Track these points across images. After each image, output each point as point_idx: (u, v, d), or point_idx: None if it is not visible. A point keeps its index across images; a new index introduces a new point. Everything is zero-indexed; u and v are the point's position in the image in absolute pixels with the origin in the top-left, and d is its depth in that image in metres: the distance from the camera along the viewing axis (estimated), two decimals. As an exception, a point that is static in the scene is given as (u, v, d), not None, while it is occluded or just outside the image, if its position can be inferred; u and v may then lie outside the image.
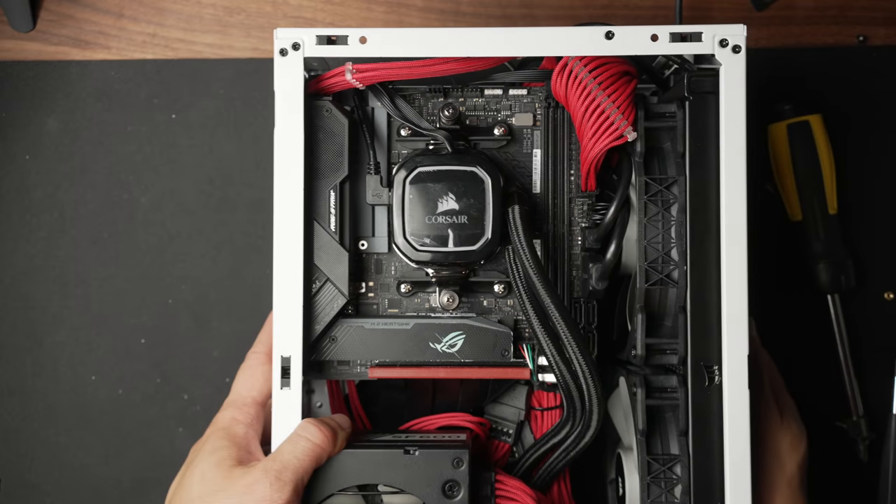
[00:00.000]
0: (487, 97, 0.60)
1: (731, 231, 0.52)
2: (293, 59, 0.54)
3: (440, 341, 0.57)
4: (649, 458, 0.54)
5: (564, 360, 0.54)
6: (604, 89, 0.53)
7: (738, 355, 0.51)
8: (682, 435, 0.53)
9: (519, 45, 0.53)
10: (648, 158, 0.55)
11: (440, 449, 0.53)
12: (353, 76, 0.55)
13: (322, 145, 0.56)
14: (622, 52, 0.53)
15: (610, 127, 0.53)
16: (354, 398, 0.62)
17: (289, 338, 0.53)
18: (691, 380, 0.52)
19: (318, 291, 0.56)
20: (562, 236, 0.59)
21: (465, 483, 0.52)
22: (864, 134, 0.73)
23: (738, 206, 0.52)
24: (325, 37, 0.54)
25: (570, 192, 0.59)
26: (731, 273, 0.52)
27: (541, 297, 0.54)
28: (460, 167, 0.56)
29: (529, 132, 0.60)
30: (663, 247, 0.54)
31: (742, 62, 0.52)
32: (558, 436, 0.57)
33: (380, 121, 0.60)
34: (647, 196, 0.54)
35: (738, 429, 0.51)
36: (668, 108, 0.55)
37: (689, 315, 0.53)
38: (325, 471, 0.53)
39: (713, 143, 0.53)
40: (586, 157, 0.55)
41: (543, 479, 0.57)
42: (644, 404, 0.54)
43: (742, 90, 0.52)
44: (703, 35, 0.53)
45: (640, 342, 0.54)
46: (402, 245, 0.56)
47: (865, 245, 0.73)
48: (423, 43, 0.53)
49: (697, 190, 0.53)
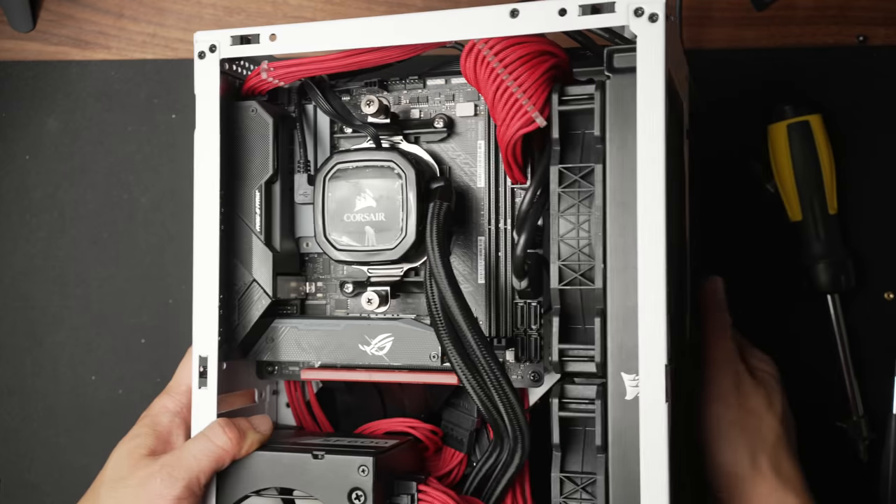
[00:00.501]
0: (430, 87, 0.57)
1: (647, 226, 0.45)
2: (210, 61, 0.54)
3: (369, 343, 0.55)
4: (563, 476, 0.49)
5: (479, 382, 0.50)
6: (510, 72, 0.49)
7: (655, 364, 0.45)
8: (600, 451, 0.47)
9: (424, 31, 0.50)
10: (570, 146, 0.50)
11: (347, 455, 0.51)
12: (269, 74, 0.55)
13: (249, 145, 0.55)
14: (529, 31, 0.48)
15: (518, 111, 0.49)
16: (313, 400, 0.61)
17: (206, 338, 0.53)
18: (610, 390, 0.46)
19: (245, 292, 0.55)
20: (505, 232, 0.56)
21: (370, 491, 0.50)
22: (864, 134, 0.73)
23: (656, 199, 0.45)
24: (239, 37, 0.53)
25: (514, 183, 0.56)
26: (647, 272, 0.45)
27: (450, 312, 0.50)
28: (376, 162, 0.54)
29: (473, 122, 0.56)
30: (579, 243, 0.48)
31: (660, 32, 0.45)
32: (494, 454, 0.53)
33: (325, 119, 0.59)
34: (562, 187, 0.49)
35: (654, 445, 0.45)
36: (586, 91, 0.49)
37: (608, 318, 0.47)
38: (235, 472, 0.52)
39: (634, 127, 0.46)
40: (501, 146, 0.51)
41: (493, 494, 0.54)
42: (558, 415, 0.48)
43: (661, 65, 0.45)
44: (616, 5, 0.46)
45: (554, 348, 0.49)
46: (323, 244, 0.55)
47: (865, 245, 0.72)
48: (329, 36, 0.52)
49: (616, 179, 0.46)
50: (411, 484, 0.51)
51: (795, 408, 0.67)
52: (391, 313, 0.57)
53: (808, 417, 0.71)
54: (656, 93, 0.45)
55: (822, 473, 0.68)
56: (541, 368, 0.55)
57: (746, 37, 0.74)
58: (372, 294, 0.55)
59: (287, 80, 0.56)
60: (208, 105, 0.53)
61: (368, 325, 0.55)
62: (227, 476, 0.52)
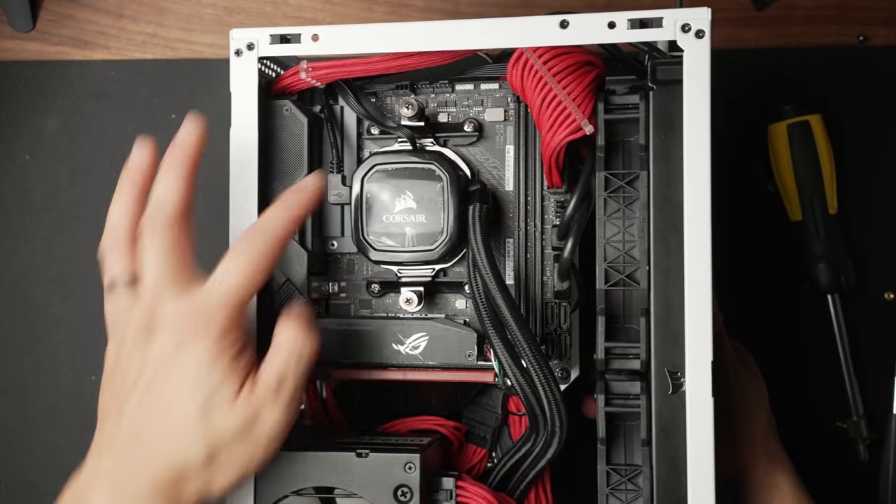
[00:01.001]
0: (458, 92, 0.59)
1: (695, 229, 0.48)
2: (247, 59, 0.53)
3: (403, 343, 0.55)
4: (609, 468, 0.51)
5: (521, 370, 0.52)
6: (559, 81, 0.51)
7: (701, 361, 0.48)
8: (645, 444, 0.50)
9: (472, 39, 0.51)
10: (613, 153, 0.52)
11: (392, 453, 0.51)
12: (308, 74, 0.55)
13: (283, 145, 0.55)
14: (578, 42, 0.50)
15: (567, 119, 0.51)
16: (330, 399, 0.61)
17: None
18: (655, 386, 0.49)
19: (277, 291, 0.55)
20: (534, 235, 0.58)
21: (417, 488, 0.50)
22: (864, 134, 0.73)
23: (703, 203, 0.48)
24: (279, 36, 0.53)
25: (544, 189, 0.58)
26: (693, 274, 0.48)
27: (495, 302, 0.52)
28: (417, 165, 0.55)
29: (501, 127, 0.59)
30: (625, 246, 0.51)
31: (706, 48, 0.48)
32: (525, 446, 0.55)
33: (351, 119, 0.60)
34: (608, 192, 0.51)
35: (701, 438, 0.48)
36: (631, 100, 0.52)
37: (652, 318, 0.49)
38: (275, 472, 0.52)
39: (679, 135, 0.49)
40: (545, 152, 0.53)
41: (518, 487, 0.56)
42: (604, 411, 0.51)
43: (706, 78, 0.48)
44: (664, 20, 0.49)
45: (600, 346, 0.51)
46: (361, 244, 0.56)
47: (865, 245, 0.72)
48: (374, 39, 0.52)
49: (660, 185, 0.49)
50: (449, 480, 0.53)
51: (796, 408, 0.67)
52: (421, 314, 0.58)
53: (808, 417, 0.72)
54: (702, 104, 0.48)
55: (822, 473, 0.68)
56: (568, 366, 0.57)
57: (746, 37, 0.74)
58: (410, 294, 0.57)
59: (325, 80, 0.56)
60: (245, 103, 0.53)
61: (402, 325, 0.56)
62: (267, 475, 0.52)
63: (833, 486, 0.71)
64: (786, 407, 0.67)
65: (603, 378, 0.52)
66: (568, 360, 0.57)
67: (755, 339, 0.66)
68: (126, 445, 0.47)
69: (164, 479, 0.46)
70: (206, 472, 0.46)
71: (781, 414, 0.65)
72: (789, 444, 0.64)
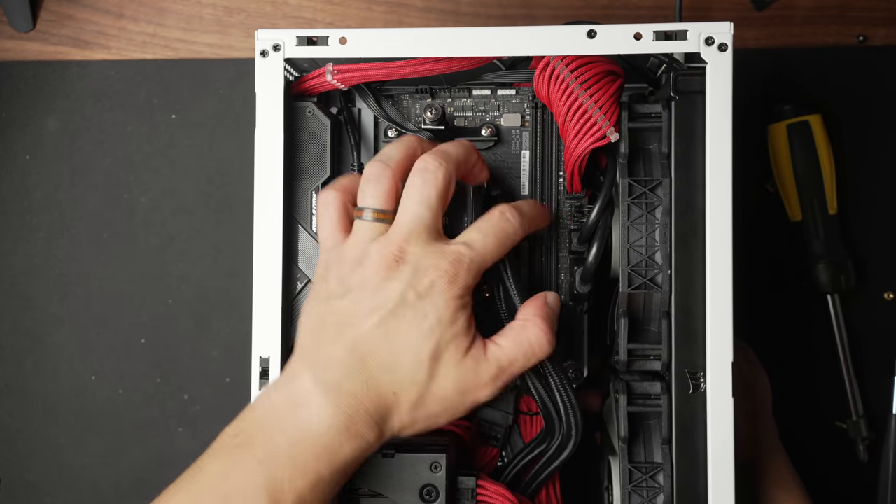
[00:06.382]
0: (476, 97, 0.60)
1: (716, 234, 0.50)
2: (273, 61, 0.53)
3: None
4: (631, 466, 0.53)
5: (537, 373, 0.53)
6: (586, 89, 0.52)
7: (722, 362, 0.50)
8: (665, 443, 0.52)
9: (499, 45, 0.52)
10: (634, 160, 0.54)
11: (418, 453, 0.52)
12: (334, 77, 0.55)
13: (305, 146, 0.55)
14: (605, 51, 0.52)
15: (592, 127, 0.52)
16: None
17: (268, 339, 0.53)
18: (675, 387, 0.51)
19: (299, 293, 0.55)
20: (549, 238, 0.59)
21: (443, 487, 0.51)
22: (864, 134, 0.73)
23: (724, 209, 0.50)
24: (305, 38, 0.53)
25: (559, 193, 0.59)
26: (715, 277, 0.50)
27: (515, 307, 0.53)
28: None
29: (518, 133, 0.60)
30: (647, 250, 0.53)
31: (728, 61, 0.51)
32: (541, 446, 0.56)
33: (367, 122, 0.60)
34: (631, 198, 0.53)
35: (721, 437, 0.50)
36: (654, 109, 0.54)
37: (672, 320, 0.51)
38: None
39: (700, 144, 0.51)
40: (569, 158, 0.55)
41: (530, 486, 0.56)
42: (626, 411, 0.53)
43: (728, 90, 0.50)
44: (689, 33, 0.51)
45: (622, 347, 0.53)
46: None
47: (865, 245, 0.73)
48: (402, 44, 0.52)
49: (682, 192, 0.52)
50: (471, 479, 0.53)
51: (796, 408, 0.67)
52: None
53: (808, 417, 0.72)
54: (724, 114, 0.50)
55: (822, 473, 0.68)
56: (581, 366, 0.59)
57: (746, 37, 0.74)
58: None
59: (350, 83, 0.56)
60: (271, 104, 0.53)
61: None
62: None
63: (833, 486, 0.71)
64: (786, 407, 0.67)
65: (623, 379, 0.54)
66: (581, 359, 0.59)
67: (755, 339, 0.66)
68: (349, 361, 0.48)
69: (384, 400, 0.48)
70: (411, 414, 0.49)
71: (781, 414, 0.65)
72: (789, 444, 0.64)
